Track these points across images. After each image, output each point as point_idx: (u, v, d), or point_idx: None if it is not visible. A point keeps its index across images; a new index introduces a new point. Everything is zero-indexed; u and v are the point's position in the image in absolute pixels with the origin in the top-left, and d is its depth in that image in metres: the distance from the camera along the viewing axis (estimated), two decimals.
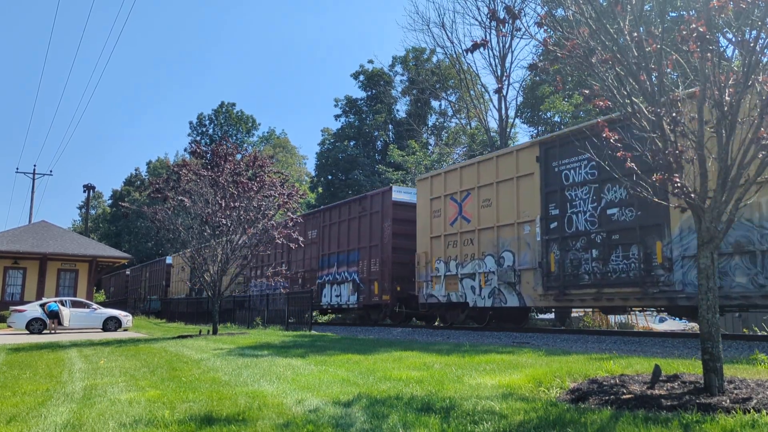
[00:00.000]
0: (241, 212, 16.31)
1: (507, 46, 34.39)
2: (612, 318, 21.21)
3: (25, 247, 29.26)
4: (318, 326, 22.36)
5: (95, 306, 24.61)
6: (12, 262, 30.05)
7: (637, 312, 22.23)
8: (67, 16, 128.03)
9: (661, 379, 5.42)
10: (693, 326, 17.17)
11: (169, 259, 42.76)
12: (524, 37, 33.56)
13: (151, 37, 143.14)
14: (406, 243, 20.00)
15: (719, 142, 4.94)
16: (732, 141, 4.91)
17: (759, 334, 14.34)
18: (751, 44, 4.72)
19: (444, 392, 5.51)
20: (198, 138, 66.10)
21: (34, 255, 29.68)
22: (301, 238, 18.49)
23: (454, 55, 38.49)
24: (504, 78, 34.93)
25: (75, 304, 23.67)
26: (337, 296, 23.19)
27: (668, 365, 6.51)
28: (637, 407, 4.52)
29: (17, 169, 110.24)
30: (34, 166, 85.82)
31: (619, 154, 5.60)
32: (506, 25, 5.58)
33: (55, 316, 21.75)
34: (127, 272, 54.54)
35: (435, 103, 50.92)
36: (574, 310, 18.70)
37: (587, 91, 5.58)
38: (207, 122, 69.09)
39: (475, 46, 5.64)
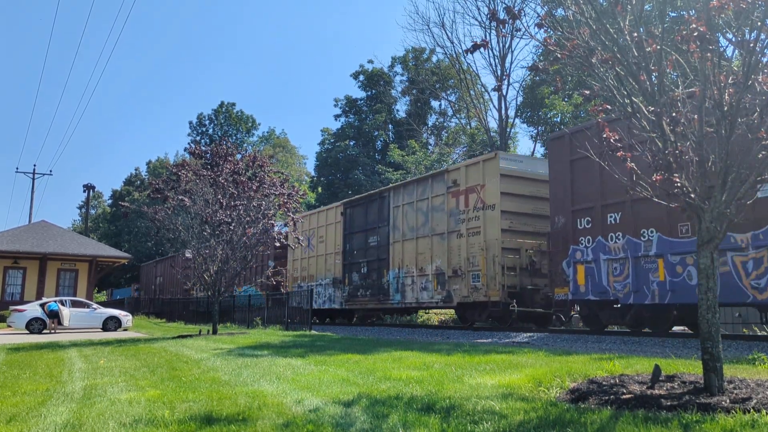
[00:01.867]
0: (241, 212, 16.31)
1: (507, 46, 34.44)
2: None
3: (25, 247, 29.25)
4: (318, 326, 22.36)
5: (95, 306, 24.62)
6: (12, 261, 30.04)
7: None
8: (67, 16, 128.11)
9: (660, 379, 5.42)
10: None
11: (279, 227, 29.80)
12: (524, 37, 33.53)
13: (151, 38, 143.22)
14: None
15: (719, 142, 4.94)
16: (732, 141, 4.91)
17: (759, 334, 14.34)
18: (751, 44, 4.72)
19: (444, 392, 5.51)
20: (198, 138, 66.10)
21: (34, 255, 29.67)
22: (301, 237, 18.48)
23: (454, 55, 38.54)
24: (504, 78, 34.95)
25: (75, 304, 23.67)
26: None
27: (668, 365, 6.51)
28: (636, 407, 4.51)
29: (17, 169, 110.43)
30: (34, 165, 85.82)
31: (619, 154, 5.61)
32: (506, 25, 5.58)
33: (55, 315, 21.75)
34: (188, 254, 40.70)
35: (435, 103, 50.93)
36: None
37: (587, 92, 5.58)
38: (207, 122, 69.05)
39: (475, 47, 5.65)
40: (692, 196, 5.02)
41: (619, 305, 12.85)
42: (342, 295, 22.03)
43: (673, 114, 5.01)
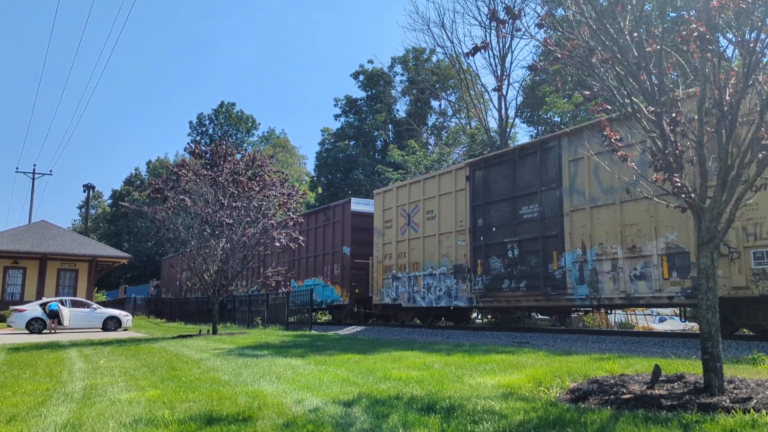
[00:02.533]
0: (242, 212, 16.32)
1: (507, 46, 34.42)
2: (612, 318, 21.21)
3: (25, 247, 29.25)
4: (318, 326, 22.35)
5: (95, 306, 24.63)
6: (12, 261, 30.04)
7: (637, 312, 22.17)
8: (67, 16, 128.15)
9: (661, 379, 5.42)
10: (693, 326, 17.16)
11: (356, 204, 23.61)
12: (524, 37, 33.52)
13: (151, 37, 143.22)
14: None
15: (719, 142, 4.94)
16: (732, 141, 4.91)
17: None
18: (751, 44, 4.72)
19: (444, 392, 5.51)
20: (198, 138, 66.13)
21: (34, 255, 29.66)
22: (301, 238, 18.46)
23: (454, 55, 38.54)
24: (504, 78, 34.94)
25: (75, 304, 23.68)
26: None
27: (668, 365, 6.51)
28: (637, 407, 4.52)
29: (17, 168, 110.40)
30: (34, 165, 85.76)
31: (619, 153, 5.61)
32: (506, 25, 5.59)
33: (55, 315, 21.75)
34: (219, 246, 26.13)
35: (435, 103, 50.93)
36: None
37: (587, 92, 5.58)
38: (207, 122, 69.09)
39: (476, 50, 5.65)
40: (692, 196, 5.02)
41: None
42: (472, 288, 16.42)
43: (673, 114, 5.01)
